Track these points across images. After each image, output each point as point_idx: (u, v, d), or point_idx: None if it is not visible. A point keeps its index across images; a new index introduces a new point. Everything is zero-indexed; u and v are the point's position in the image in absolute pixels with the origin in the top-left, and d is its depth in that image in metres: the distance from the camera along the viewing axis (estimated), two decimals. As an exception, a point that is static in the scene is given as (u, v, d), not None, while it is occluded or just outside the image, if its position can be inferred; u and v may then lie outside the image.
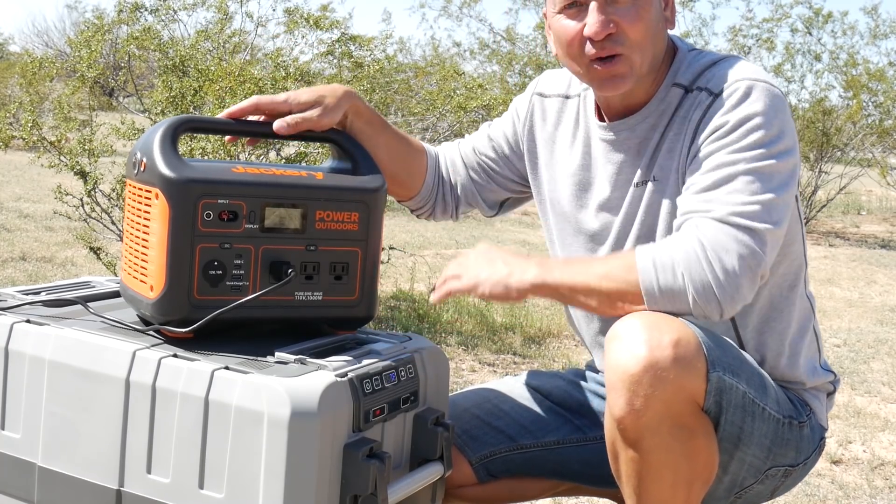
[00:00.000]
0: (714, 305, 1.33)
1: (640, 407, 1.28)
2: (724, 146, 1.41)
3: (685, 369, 1.29)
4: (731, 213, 1.35)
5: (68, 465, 1.31)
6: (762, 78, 1.44)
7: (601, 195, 1.60)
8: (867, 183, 11.34)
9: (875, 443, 3.08)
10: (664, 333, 1.29)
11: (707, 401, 1.33)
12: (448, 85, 5.66)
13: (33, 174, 8.58)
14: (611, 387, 1.31)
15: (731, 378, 1.36)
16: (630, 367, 1.28)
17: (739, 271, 1.32)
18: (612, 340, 1.33)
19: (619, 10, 1.45)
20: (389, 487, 1.25)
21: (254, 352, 1.29)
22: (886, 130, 10.12)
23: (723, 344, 1.40)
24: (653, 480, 1.34)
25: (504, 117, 1.78)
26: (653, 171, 1.53)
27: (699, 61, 1.52)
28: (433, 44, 14.60)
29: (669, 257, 1.34)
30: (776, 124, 1.41)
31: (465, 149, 1.79)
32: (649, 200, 1.53)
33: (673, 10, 1.54)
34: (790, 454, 1.52)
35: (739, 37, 10.17)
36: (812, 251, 7.98)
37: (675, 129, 1.50)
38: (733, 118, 1.41)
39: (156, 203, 1.30)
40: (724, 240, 1.33)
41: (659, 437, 1.31)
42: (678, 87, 1.51)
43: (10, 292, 1.51)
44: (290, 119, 1.47)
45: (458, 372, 3.53)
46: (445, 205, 1.79)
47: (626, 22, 1.45)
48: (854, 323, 5.07)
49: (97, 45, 4.29)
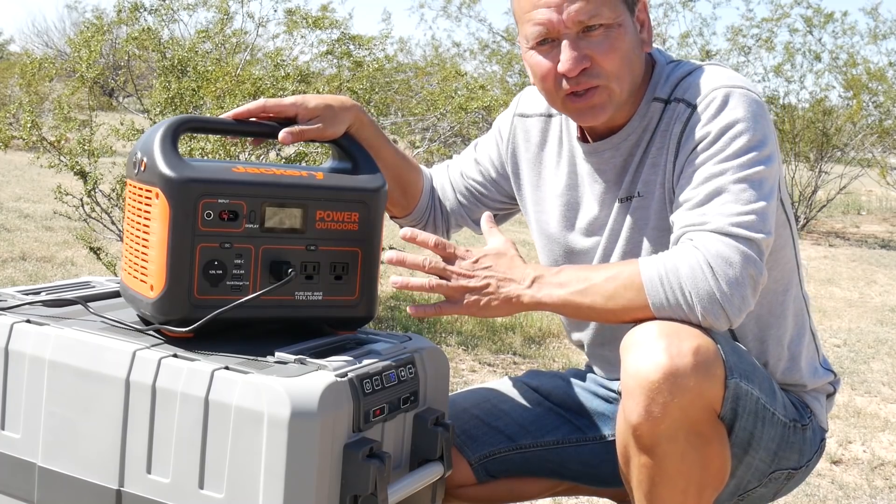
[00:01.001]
0: (722, 317, 1.33)
1: (658, 414, 1.28)
2: (711, 157, 1.40)
3: (705, 377, 1.29)
4: (730, 223, 1.35)
5: (68, 465, 1.31)
6: (739, 84, 1.44)
7: (589, 215, 1.60)
8: (867, 183, 11.34)
9: (875, 443, 3.08)
10: (683, 340, 1.29)
11: (724, 407, 1.33)
12: (449, 86, 5.66)
13: (33, 174, 8.58)
14: (628, 393, 1.31)
15: (747, 384, 1.36)
16: (650, 375, 1.27)
17: (743, 282, 1.32)
18: (630, 347, 1.32)
19: (592, 43, 1.44)
20: (389, 487, 1.25)
21: (254, 352, 1.29)
22: (886, 130, 10.12)
23: (737, 349, 1.41)
24: (665, 487, 1.34)
25: (489, 138, 1.78)
26: (637, 187, 1.53)
27: (676, 73, 1.51)
28: (433, 44, 14.59)
29: (675, 273, 1.33)
30: (759, 129, 1.40)
31: (454, 174, 1.80)
32: (635, 216, 1.53)
33: (649, 31, 1.52)
34: (794, 457, 1.52)
35: (740, 37, 10.18)
36: (812, 251, 7.98)
37: (658, 143, 1.50)
38: (715, 128, 1.41)
39: (156, 203, 1.30)
40: (726, 252, 1.33)
41: (675, 445, 1.30)
42: (658, 102, 1.51)
43: (10, 292, 1.51)
44: (294, 129, 1.47)
45: (458, 372, 3.53)
46: (436, 227, 1.81)
47: (599, 54, 1.44)
48: (854, 323, 5.07)
49: (97, 45, 4.29)
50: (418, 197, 1.77)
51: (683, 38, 10.49)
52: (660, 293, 1.33)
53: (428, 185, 1.79)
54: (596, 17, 1.43)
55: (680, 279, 1.32)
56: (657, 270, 1.34)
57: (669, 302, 1.32)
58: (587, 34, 1.44)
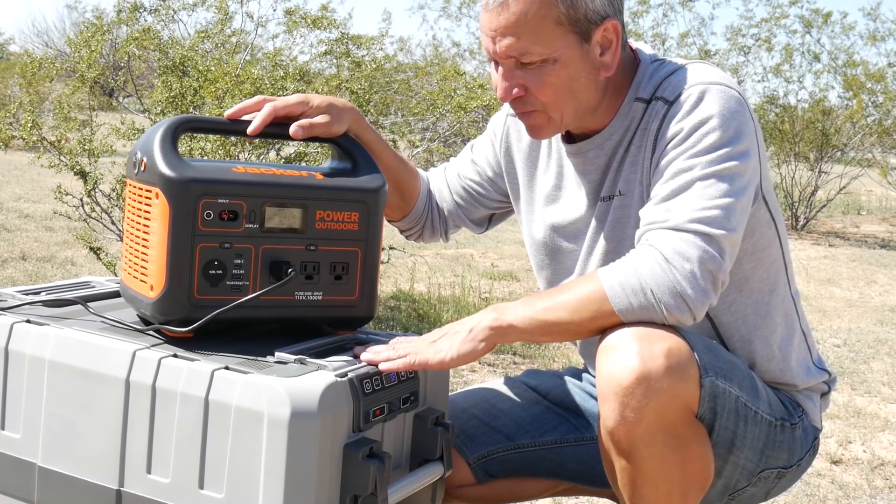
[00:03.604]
0: (686, 313, 1.32)
1: (632, 419, 1.28)
2: (681, 153, 1.40)
3: (679, 378, 1.29)
4: (688, 219, 1.35)
5: (68, 465, 1.31)
6: (718, 81, 1.43)
7: (574, 214, 1.60)
8: (867, 183, 11.34)
9: (875, 443, 3.09)
10: (655, 343, 1.29)
11: (701, 407, 1.34)
12: (448, 85, 5.66)
13: (33, 174, 8.58)
14: (603, 398, 1.31)
15: (724, 382, 1.36)
16: (623, 379, 1.28)
17: (701, 275, 1.32)
18: (603, 352, 1.33)
19: (527, 74, 1.45)
20: (389, 487, 1.25)
21: (254, 352, 1.30)
22: (886, 130, 10.12)
23: (713, 348, 1.41)
24: (648, 490, 1.34)
25: (484, 138, 1.79)
26: (618, 185, 1.53)
27: (659, 72, 1.51)
28: (434, 44, 14.60)
29: (636, 276, 1.32)
30: (732, 126, 1.40)
31: (450, 175, 1.80)
32: (616, 214, 1.53)
33: (615, 52, 1.47)
34: (783, 456, 1.52)
35: (739, 36, 10.18)
36: (812, 251, 7.98)
37: (637, 141, 1.51)
38: (688, 124, 1.41)
39: (156, 203, 1.30)
40: (682, 247, 1.33)
41: (652, 448, 1.31)
42: (640, 102, 1.51)
43: (10, 292, 1.51)
44: (304, 123, 1.47)
45: (458, 372, 3.53)
46: (434, 229, 1.81)
47: (532, 87, 1.45)
48: (854, 323, 5.07)
49: (97, 45, 4.29)
50: (415, 200, 1.77)
51: (683, 38, 10.51)
52: (623, 297, 1.32)
53: (425, 188, 1.79)
54: (526, 55, 1.43)
55: (640, 279, 1.32)
56: (617, 277, 1.34)
57: (633, 304, 1.32)
58: (523, 65, 1.45)
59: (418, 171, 1.80)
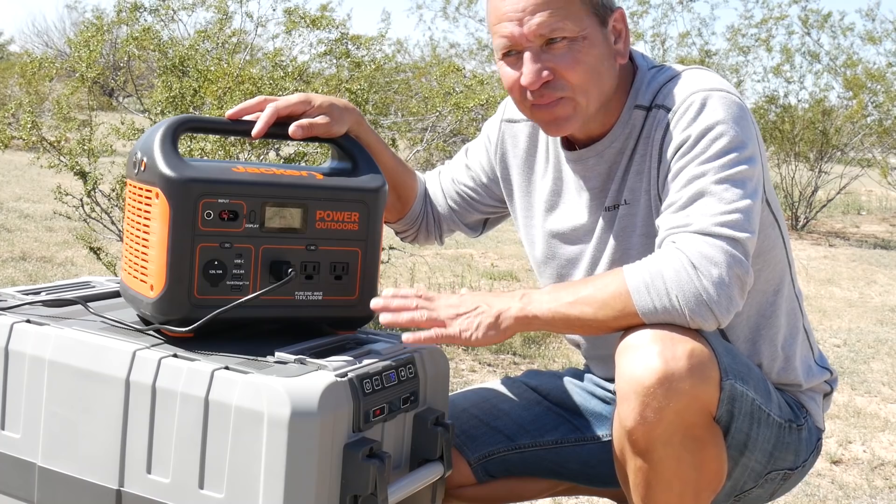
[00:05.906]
0: (710, 318, 1.32)
1: (653, 419, 1.28)
2: (692, 160, 1.40)
3: (700, 379, 1.29)
4: (713, 223, 1.34)
5: (68, 465, 1.31)
6: (718, 87, 1.44)
7: (575, 222, 1.60)
8: (867, 183, 11.33)
9: (875, 443, 3.09)
10: (677, 344, 1.29)
11: (720, 409, 1.34)
12: (447, 83, 5.65)
13: (33, 174, 8.57)
14: (623, 397, 1.31)
15: (742, 385, 1.36)
16: (644, 379, 1.28)
17: (729, 282, 1.32)
18: (624, 352, 1.32)
19: (555, 57, 1.44)
20: (389, 487, 1.25)
21: (254, 352, 1.29)
22: (886, 130, 10.12)
23: (731, 350, 1.41)
24: (661, 490, 1.34)
25: (478, 143, 1.78)
26: (623, 195, 1.53)
27: (657, 79, 1.51)
28: (432, 44, 14.61)
29: (661, 278, 1.32)
30: (739, 130, 1.40)
31: (445, 180, 1.80)
32: (622, 224, 1.53)
33: (626, 41, 1.50)
34: (789, 458, 1.52)
35: (738, 36, 10.18)
36: (812, 251, 7.98)
37: (641, 150, 1.50)
38: (694, 131, 1.41)
39: (156, 202, 1.30)
40: (710, 252, 1.32)
41: (670, 448, 1.30)
42: (640, 109, 1.51)
43: (10, 292, 1.51)
44: (304, 123, 1.47)
45: (458, 372, 3.53)
46: (429, 232, 1.81)
47: (562, 67, 1.44)
48: (854, 323, 5.07)
49: (97, 45, 4.28)
50: (412, 202, 1.77)
51: (682, 38, 10.50)
52: (647, 299, 1.32)
53: (422, 190, 1.79)
54: (558, 31, 1.42)
55: (665, 283, 1.32)
56: (642, 277, 1.33)
57: (657, 307, 1.32)
58: (550, 47, 1.43)
59: (416, 174, 1.80)
